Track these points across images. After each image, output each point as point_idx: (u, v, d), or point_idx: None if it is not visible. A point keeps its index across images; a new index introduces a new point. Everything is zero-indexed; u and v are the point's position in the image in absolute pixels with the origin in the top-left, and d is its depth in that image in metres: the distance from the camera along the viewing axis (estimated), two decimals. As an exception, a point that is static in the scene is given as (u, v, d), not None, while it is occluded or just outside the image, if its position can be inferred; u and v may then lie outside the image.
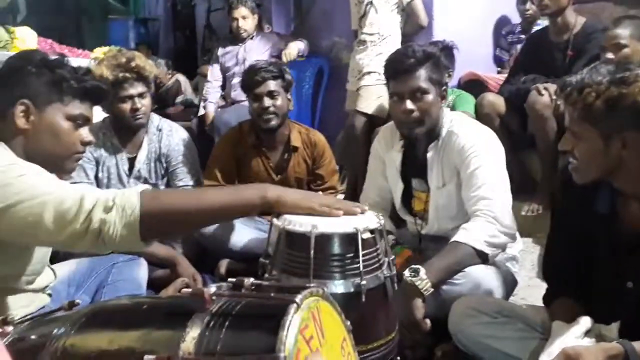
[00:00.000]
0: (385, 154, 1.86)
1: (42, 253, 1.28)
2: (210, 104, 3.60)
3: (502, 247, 1.59)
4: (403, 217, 1.90)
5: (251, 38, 3.59)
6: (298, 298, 0.67)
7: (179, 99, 4.85)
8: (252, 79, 2.19)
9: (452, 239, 1.54)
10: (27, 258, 1.24)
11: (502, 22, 3.43)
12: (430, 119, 1.66)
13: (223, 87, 3.71)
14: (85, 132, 1.26)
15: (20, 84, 1.18)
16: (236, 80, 3.57)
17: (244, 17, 3.50)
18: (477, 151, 1.60)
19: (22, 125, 1.17)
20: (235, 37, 3.61)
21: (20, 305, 1.25)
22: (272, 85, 2.17)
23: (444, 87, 1.67)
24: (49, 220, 0.99)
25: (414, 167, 1.77)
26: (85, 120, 1.27)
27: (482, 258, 1.53)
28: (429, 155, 1.69)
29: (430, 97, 1.63)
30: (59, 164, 1.25)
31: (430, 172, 1.70)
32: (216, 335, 0.65)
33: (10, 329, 0.78)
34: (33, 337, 0.73)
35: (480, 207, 1.56)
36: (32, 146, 1.18)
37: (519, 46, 3.22)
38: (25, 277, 1.26)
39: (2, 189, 1.01)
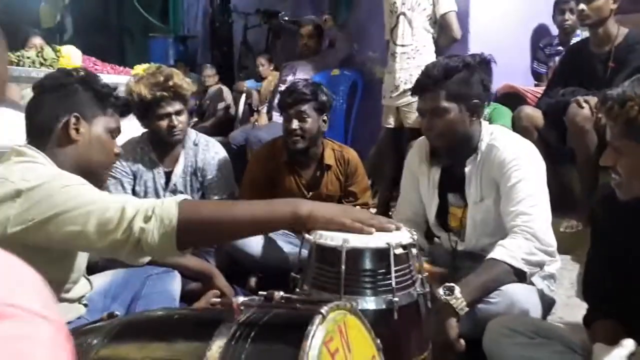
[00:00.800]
0: (419, 169, 1.84)
1: (79, 262, 1.32)
2: None
3: (541, 265, 1.54)
4: (437, 234, 1.87)
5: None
6: (324, 309, 0.66)
7: (221, 105, 4.98)
8: (285, 99, 2.22)
9: (489, 256, 1.50)
10: (67, 264, 1.28)
11: (539, 34, 3.37)
12: (453, 135, 1.64)
13: None
14: (117, 144, 1.39)
15: (69, 99, 1.28)
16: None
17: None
18: (518, 165, 1.56)
19: (74, 136, 1.27)
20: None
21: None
22: (303, 107, 2.18)
23: (474, 101, 1.62)
24: (92, 229, 1.03)
25: (450, 182, 1.74)
26: (119, 132, 1.40)
27: (520, 276, 1.48)
28: (467, 169, 1.67)
29: (451, 115, 1.61)
30: (100, 173, 1.34)
31: (468, 186, 1.67)
32: (242, 344, 0.65)
33: None
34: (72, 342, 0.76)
35: (519, 222, 1.52)
36: (81, 156, 1.28)
37: (557, 58, 3.14)
38: (62, 285, 1.29)
39: (47, 199, 1.06)
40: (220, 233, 1.14)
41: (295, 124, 2.18)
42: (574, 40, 3.10)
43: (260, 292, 0.76)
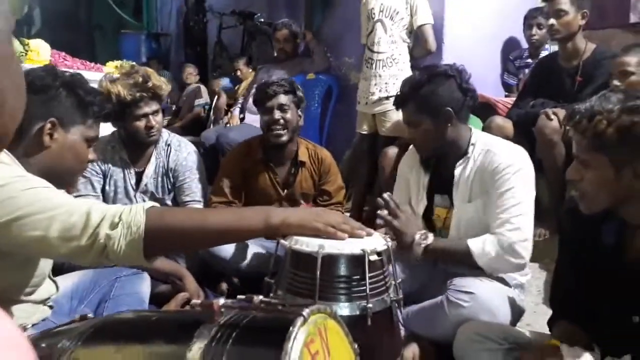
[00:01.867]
0: (409, 172, 1.88)
1: (43, 265, 1.28)
2: None
3: (503, 273, 1.62)
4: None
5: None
6: (305, 312, 0.66)
7: (198, 102, 4.94)
8: (264, 93, 2.22)
9: (469, 241, 1.59)
10: (29, 269, 1.24)
11: (510, 46, 3.44)
12: (431, 143, 1.72)
13: None
14: (91, 151, 1.34)
15: (49, 103, 1.23)
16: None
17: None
18: (511, 172, 1.59)
19: (47, 142, 1.22)
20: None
21: (21, 317, 1.24)
22: (283, 99, 2.20)
23: (446, 109, 1.65)
24: (54, 235, 0.99)
25: (439, 184, 1.79)
26: (95, 141, 1.35)
27: (478, 269, 1.58)
28: (456, 172, 1.70)
29: (423, 126, 1.69)
30: (71, 179, 1.31)
31: (456, 188, 1.71)
32: (223, 345, 0.65)
33: None
34: (43, 345, 0.73)
35: (502, 231, 1.56)
36: (51, 162, 1.23)
37: (526, 71, 3.23)
38: (25, 288, 1.25)
39: (7, 201, 1.01)
40: (189, 242, 1.12)
41: (277, 114, 2.18)
42: (543, 53, 3.19)
43: (239, 296, 0.75)
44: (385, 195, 1.69)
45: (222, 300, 0.71)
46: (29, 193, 1.03)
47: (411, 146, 1.96)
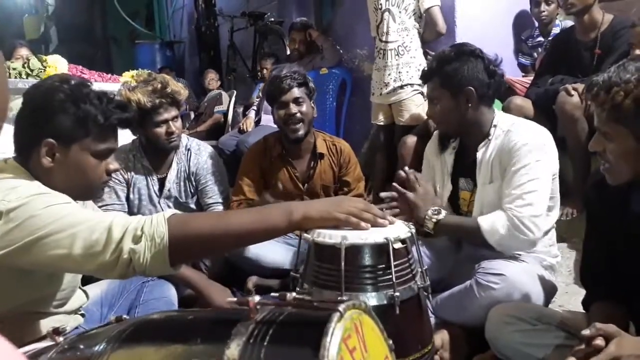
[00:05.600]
0: (434, 157, 1.87)
1: (71, 277, 1.28)
2: None
3: (515, 251, 1.59)
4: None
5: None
6: (341, 307, 0.66)
7: (217, 108, 4.99)
8: (277, 87, 2.20)
9: (479, 218, 1.57)
10: (56, 284, 1.24)
11: (523, 23, 3.37)
12: (449, 121, 1.71)
13: None
14: (110, 161, 1.26)
15: (44, 123, 1.15)
16: None
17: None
18: (528, 150, 1.57)
19: (47, 164, 1.16)
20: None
21: (54, 327, 1.27)
22: (297, 92, 2.19)
23: (467, 89, 1.64)
24: (78, 252, 0.99)
25: (462, 168, 1.78)
26: (111, 151, 1.26)
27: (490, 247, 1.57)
28: (478, 154, 1.69)
29: (442, 101, 1.69)
30: (86, 194, 1.27)
31: (478, 170, 1.69)
32: (260, 342, 0.65)
33: (60, 339, 0.80)
34: (81, 347, 0.75)
35: (512, 206, 1.53)
36: (56, 182, 1.16)
37: (539, 49, 3.17)
38: (56, 301, 1.26)
39: (28, 221, 1.00)
40: (213, 247, 1.11)
41: (293, 108, 2.18)
42: (554, 30, 3.12)
43: (272, 294, 0.75)
44: (407, 168, 1.69)
45: (257, 298, 0.71)
46: (49, 211, 1.02)
47: (435, 132, 1.95)
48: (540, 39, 3.20)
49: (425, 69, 1.76)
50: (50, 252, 0.99)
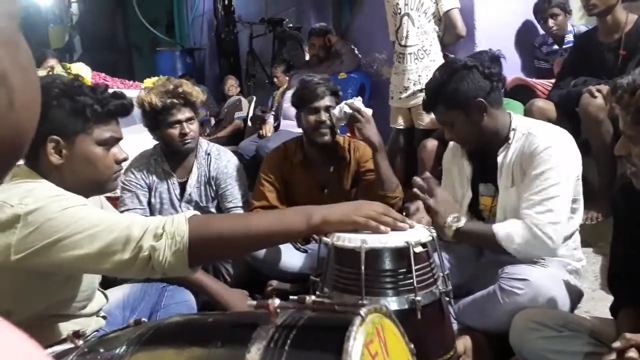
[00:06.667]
0: (452, 165, 1.86)
1: (90, 279, 1.29)
2: None
3: (533, 258, 1.56)
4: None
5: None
6: (363, 311, 0.65)
7: (238, 114, 5.02)
8: (312, 92, 2.19)
9: (494, 225, 1.56)
10: (74, 286, 1.25)
11: (534, 26, 3.31)
12: (472, 137, 1.68)
13: None
14: (118, 150, 1.27)
15: (45, 121, 1.14)
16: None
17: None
18: (549, 154, 1.54)
19: (56, 161, 1.16)
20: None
21: (74, 330, 1.28)
22: (329, 100, 2.19)
23: (476, 100, 1.62)
24: (96, 252, 0.99)
25: (482, 173, 1.76)
26: (116, 140, 1.27)
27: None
28: (499, 159, 1.67)
29: (459, 122, 1.66)
30: (100, 187, 1.27)
31: (499, 175, 1.67)
32: (281, 347, 0.64)
33: (80, 342, 0.81)
34: (102, 350, 0.75)
35: (530, 212, 1.51)
36: (69, 178, 1.18)
37: (555, 56, 3.11)
38: (76, 303, 1.27)
39: (46, 224, 1.00)
40: (232, 248, 1.11)
41: (324, 115, 2.17)
42: (568, 37, 3.08)
43: (291, 297, 0.74)
44: (426, 173, 1.68)
45: (277, 301, 0.71)
46: (67, 213, 1.02)
47: (451, 142, 1.93)
48: (555, 47, 3.15)
49: (424, 100, 1.75)
50: (69, 253, 1.00)
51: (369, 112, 2.08)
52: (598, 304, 1.78)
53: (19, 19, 0.37)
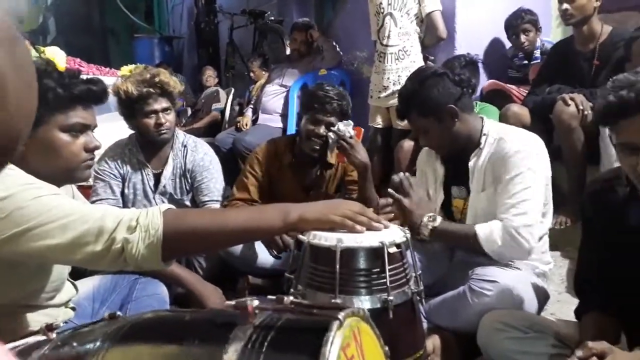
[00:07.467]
0: (426, 167, 1.88)
1: (60, 270, 1.26)
2: None
3: (509, 260, 1.60)
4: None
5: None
6: (341, 315, 0.66)
7: (215, 106, 4.97)
8: (322, 103, 2.14)
9: (476, 226, 1.58)
10: (44, 277, 1.22)
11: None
12: (445, 142, 1.72)
13: None
14: (88, 139, 1.22)
15: None
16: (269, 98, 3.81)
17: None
18: (521, 158, 1.58)
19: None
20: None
21: (43, 321, 1.25)
22: (335, 119, 2.16)
23: (448, 107, 1.65)
24: (68, 242, 0.98)
25: (455, 176, 1.79)
26: (84, 127, 1.22)
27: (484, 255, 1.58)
28: (470, 163, 1.70)
29: (432, 128, 1.69)
30: (69, 176, 1.23)
31: (471, 178, 1.71)
32: (259, 348, 0.64)
33: (54, 335, 0.79)
34: (75, 344, 0.74)
35: (507, 215, 1.54)
36: (35, 166, 1.12)
37: (526, 69, 3.15)
38: (44, 294, 1.24)
39: (16, 212, 0.98)
40: (208, 243, 1.11)
41: (323, 130, 2.15)
42: (536, 53, 3.12)
43: (269, 297, 0.75)
44: (401, 174, 1.70)
45: (256, 302, 0.71)
46: (38, 202, 1.00)
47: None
48: (525, 62, 3.19)
49: (397, 108, 1.78)
50: (40, 243, 0.97)
51: (355, 132, 2.10)
52: (564, 307, 1.84)
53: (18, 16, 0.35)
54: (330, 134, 2.10)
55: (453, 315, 1.56)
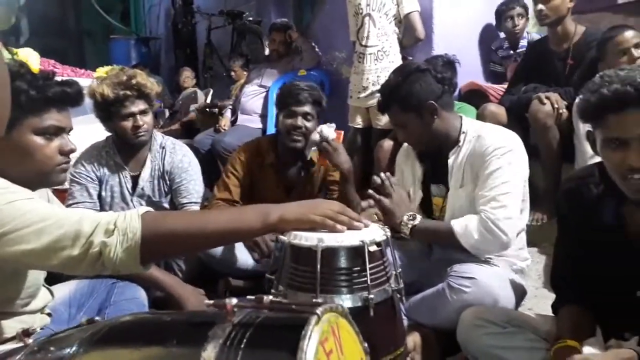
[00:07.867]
0: (404, 166, 1.90)
1: (35, 275, 1.24)
2: None
3: (488, 254, 1.62)
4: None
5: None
6: (319, 310, 0.67)
7: (193, 107, 4.94)
8: (293, 96, 2.18)
9: (452, 221, 1.61)
10: (19, 282, 1.20)
11: (494, 31, 3.43)
12: (423, 138, 1.73)
13: None
14: (63, 142, 1.21)
15: None
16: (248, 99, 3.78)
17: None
18: (500, 153, 1.60)
19: None
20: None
21: (18, 328, 1.23)
22: (309, 108, 2.18)
23: (428, 103, 1.66)
24: (44, 247, 0.96)
25: (434, 174, 1.81)
26: (59, 129, 1.20)
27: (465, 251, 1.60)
28: (449, 160, 1.72)
29: (411, 124, 1.71)
30: (44, 180, 1.21)
31: (450, 176, 1.72)
32: (237, 345, 0.65)
33: (30, 340, 0.78)
34: (52, 348, 0.73)
35: (487, 208, 1.56)
36: (8, 170, 1.10)
37: (509, 61, 3.23)
38: (20, 300, 1.22)
39: None
40: (187, 245, 1.10)
41: (300, 121, 2.17)
42: (522, 42, 3.20)
43: (248, 297, 0.75)
44: (382, 174, 1.72)
45: (234, 300, 0.71)
46: (12, 206, 0.98)
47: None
48: (510, 52, 3.26)
49: (379, 101, 1.79)
50: (14, 248, 0.96)
51: (336, 134, 2.11)
52: (540, 302, 1.87)
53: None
54: (315, 134, 2.10)
55: (432, 312, 1.58)
